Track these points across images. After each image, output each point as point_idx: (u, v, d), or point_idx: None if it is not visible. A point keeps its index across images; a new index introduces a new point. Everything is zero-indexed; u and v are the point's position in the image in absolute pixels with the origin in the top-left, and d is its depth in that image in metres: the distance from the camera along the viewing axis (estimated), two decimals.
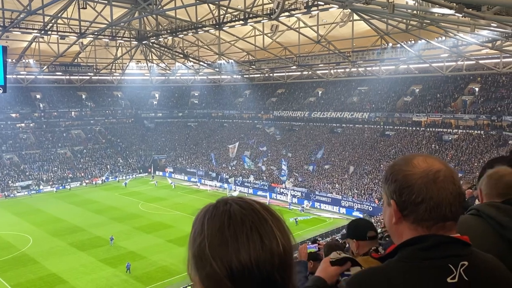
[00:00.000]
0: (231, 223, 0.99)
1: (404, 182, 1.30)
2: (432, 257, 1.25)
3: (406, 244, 1.30)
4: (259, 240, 0.97)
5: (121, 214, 43.29)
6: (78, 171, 61.57)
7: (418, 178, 1.28)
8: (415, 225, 1.30)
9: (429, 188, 1.27)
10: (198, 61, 60.08)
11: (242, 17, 39.61)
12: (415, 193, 1.27)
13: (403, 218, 1.32)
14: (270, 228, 1.00)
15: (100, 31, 45.32)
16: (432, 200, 1.26)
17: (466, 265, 1.24)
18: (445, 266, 1.23)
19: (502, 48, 36.54)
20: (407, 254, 1.28)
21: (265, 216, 1.02)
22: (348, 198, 44.98)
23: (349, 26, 42.22)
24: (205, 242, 0.99)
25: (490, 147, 45.11)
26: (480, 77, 52.15)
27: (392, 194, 1.33)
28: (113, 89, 75.47)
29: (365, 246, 3.25)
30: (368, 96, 60.98)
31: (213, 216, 1.02)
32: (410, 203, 1.29)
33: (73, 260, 31.39)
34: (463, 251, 1.28)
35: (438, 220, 1.28)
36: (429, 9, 23.23)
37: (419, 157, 1.34)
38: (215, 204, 1.06)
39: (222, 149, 63.94)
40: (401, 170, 1.33)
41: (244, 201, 1.05)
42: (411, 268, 1.25)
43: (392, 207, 1.33)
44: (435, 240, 1.27)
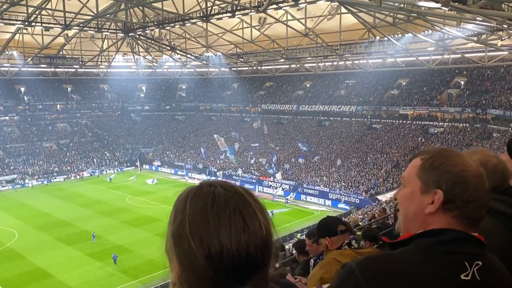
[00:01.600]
0: (215, 204, 0.99)
1: (460, 176, 1.27)
2: (450, 251, 1.24)
3: (425, 235, 1.27)
4: (241, 222, 0.98)
5: (108, 208, 43.00)
6: (64, 165, 60.90)
7: (473, 176, 1.28)
8: (454, 220, 1.28)
9: (481, 189, 1.28)
10: (186, 53, 59.64)
11: (230, 9, 39.36)
12: (469, 191, 1.26)
13: (442, 210, 1.28)
14: (253, 211, 1.01)
15: (85, 23, 44.63)
16: (481, 201, 1.28)
17: (480, 265, 1.23)
18: (461, 262, 1.22)
19: (487, 42, 37.00)
20: (425, 245, 1.25)
21: (248, 200, 1.02)
22: (335, 191, 45.33)
23: (337, 19, 42.29)
24: (186, 220, 0.99)
25: (475, 140, 45.77)
26: (465, 70, 52.78)
27: (442, 183, 1.28)
28: (99, 82, 74.58)
29: (337, 241, 3.30)
30: (356, 89, 61.30)
31: (197, 195, 1.02)
32: (461, 199, 1.27)
33: (60, 254, 31.14)
34: (478, 251, 1.27)
35: (477, 221, 1.29)
36: (416, 3, 23.37)
37: (466, 154, 1.35)
38: (199, 185, 1.05)
39: (210, 142, 63.76)
40: (457, 164, 1.29)
41: (228, 184, 1.05)
42: (427, 259, 1.23)
43: (436, 197, 1.28)
44: (455, 235, 1.26)
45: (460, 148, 44.71)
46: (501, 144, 41.99)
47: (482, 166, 1.92)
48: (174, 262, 1.02)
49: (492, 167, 1.94)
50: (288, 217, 39.93)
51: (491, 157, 1.98)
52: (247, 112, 70.63)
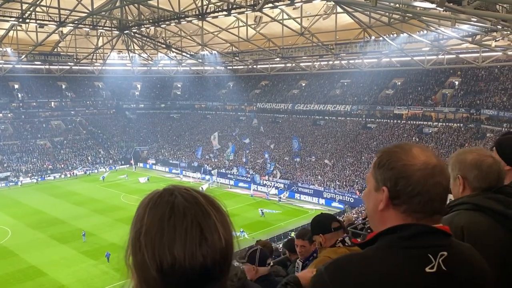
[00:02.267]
0: (172, 215, 0.96)
1: (402, 171, 1.28)
2: (412, 246, 1.25)
3: (387, 232, 1.29)
4: (198, 235, 0.95)
5: (103, 206, 42.86)
6: (58, 163, 60.60)
7: (417, 170, 1.27)
8: (404, 215, 1.29)
9: (427, 182, 1.27)
10: (181, 51, 59.48)
11: (226, 7, 39.29)
12: (412, 185, 1.27)
13: (392, 206, 1.31)
14: (213, 223, 0.97)
15: (80, 20, 44.38)
16: (428, 194, 1.27)
17: (445, 255, 1.24)
18: (424, 255, 1.24)
19: (482, 43, 37.20)
20: (387, 242, 1.27)
21: (208, 211, 0.99)
22: (330, 190, 45.45)
23: (332, 19, 42.35)
24: (142, 230, 0.98)
25: (469, 140, 46.04)
26: (460, 71, 53.04)
27: (386, 181, 1.30)
28: (94, 79, 74.23)
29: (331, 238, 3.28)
30: (351, 88, 61.43)
31: (156, 205, 1.00)
32: (405, 194, 1.28)
33: (54, 252, 31.01)
34: (443, 242, 1.28)
35: (428, 214, 1.29)
36: (411, 3, 23.45)
37: (417, 148, 1.33)
38: (161, 193, 1.03)
39: (205, 140, 63.69)
40: (400, 159, 1.30)
41: (190, 193, 1.02)
42: (390, 256, 1.25)
43: (383, 194, 1.31)
44: (416, 229, 1.27)
45: (454, 148, 44.99)
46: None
47: (477, 165, 1.94)
48: (131, 269, 1.01)
49: (487, 167, 1.94)
50: (283, 216, 39.99)
51: (486, 157, 1.98)
52: (243, 110, 70.61)
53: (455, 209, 1.94)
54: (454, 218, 1.87)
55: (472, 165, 1.96)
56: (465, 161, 1.99)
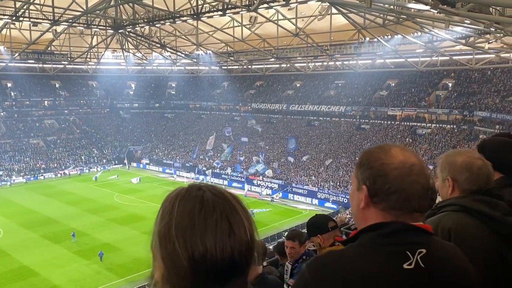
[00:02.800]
0: (203, 208, 1.01)
1: (380, 170, 1.32)
2: (390, 243, 1.27)
3: (368, 230, 1.32)
4: (227, 228, 1.00)
5: (96, 205, 42.65)
6: (51, 162, 60.25)
7: (394, 168, 1.31)
8: (383, 213, 1.32)
9: (403, 180, 1.30)
10: (176, 51, 59.38)
11: (221, 7, 39.30)
12: (389, 183, 1.30)
13: (371, 204, 1.34)
14: (239, 218, 1.03)
15: (74, 19, 44.19)
16: (405, 192, 1.29)
17: (424, 252, 1.26)
18: (403, 252, 1.26)
19: (475, 45, 37.45)
20: (367, 239, 1.31)
21: (235, 206, 1.04)
22: (324, 190, 45.55)
23: (327, 20, 42.44)
24: (172, 222, 1.01)
25: (462, 141, 46.32)
26: (453, 72, 53.36)
27: (365, 179, 1.35)
28: (88, 79, 73.89)
29: (329, 237, 3.31)
30: (345, 89, 61.61)
31: (185, 198, 1.04)
32: (382, 191, 1.31)
33: (46, 252, 30.81)
34: (422, 239, 1.30)
35: (407, 211, 1.31)
36: (406, 4, 23.57)
37: (397, 148, 1.37)
38: (188, 188, 1.07)
39: (199, 140, 63.59)
40: (379, 158, 1.34)
41: (217, 189, 1.07)
42: (369, 252, 1.27)
43: (363, 192, 1.35)
44: (395, 227, 1.29)
45: (447, 150, 45.20)
46: None
47: (467, 168, 1.94)
48: (159, 261, 1.04)
49: (477, 169, 1.95)
50: (277, 217, 40.04)
51: (476, 159, 1.98)
52: (237, 111, 70.58)
53: (443, 210, 1.95)
54: (442, 219, 1.88)
55: (462, 167, 1.97)
56: (455, 163, 2.00)
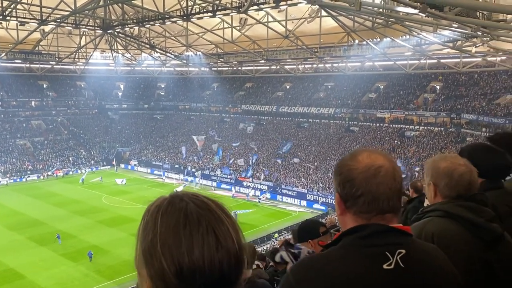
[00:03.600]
0: (187, 222, 0.97)
1: (347, 175, 1.38)
2: (370, 244, 1.31)
3: (348, 233, 1.37)
4: (214, 240, 0.97)
5: (84, 207, 42.23)
6: (38, 163, 59.51)
7: (359, 172, 1.35)
8: (355, 216, 1.38)
9: (369, 182, 1.34)
10: (165, 52, 59.12)
11: (211, 9, 39.22)
12: (355, 187, 1.35)
13: (346, 210, 1.40)
14: (226, 228, 0.99)
15: (62, 19, 43.72)
16: (371, 194, 1.34)
17: (403, 253, 1.30)
18: (382, 253, 1.29)
19: (462, 48, 37.93)
20: (348, 242, 1.35)
21: (221, 216, 1.01)
22: (313, 192, 45.67)
23: (317, 22, 42.64)
24: (157, 238, 0.97)
25: (450, 144, 46.85)
26: (441, 75, 53.97)
27: (337, 186, 1.41)
28: (76, 79, 73.18)
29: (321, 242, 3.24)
30: (334, 92, 61.93)
31: (168, 212, 1.00)
32: (351, 195, 1.36)
33: (32, 254, 30.41)
34: (401, 240, 1.34)
35: (376, 213, 1.35)
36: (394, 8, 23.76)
37: (364, 153, 1.41)
38: (170, 200, 1.03)
39: (189, 142, 63.37)
40: (346, 165, 1.40)
41: (200, 199, 1.03)
42: (350, 254, 1.31)
43: (336, 199, 1.43)
44: (374, 228, 1.34)
45: (435, 152, 45.71)
46: None
47: (448, 174, 1.96)
48: (145, 278, 1.00)
49: (458, 176, 1.96)
50: (266, 218, 40.07)
51: (459, 165, 2.00)
52: (227, 112, 70.50)
53: (428, 215, 1.98)
54: (426, 225, 1.91)
55: (444, 173, 1.99)
56: (438, 168, 2.02)
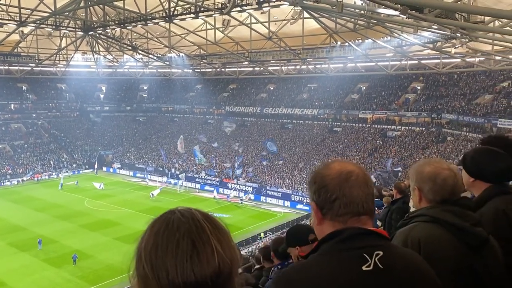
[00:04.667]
0: (166, 229, 1.01)
1: (321, 182, 1.43)
2: (348, 248, 1.34)
3: (326, 239, 1.40)
4: (190, 249, 0.97)
5: (66, 211, 41.54)
6: (18, 167, 58.35)
7: (332, 178, 1.42)
8: (332, 222, 1.42)
9: (342, 186, 1.40)
10: (147, 53, 58.64)
11: (193, 10, 39.05)
12: (329, 192, 1.41)
13: (323, 218, 1.44)
14: (206, 238, 0.99)
15: (42, 20, 43.01)
16: (345, 197, 1.39)
17: (381, 254, 1.33)
18: (360, 255, 1.32)
19: (442, 49, 38.55)
20: (326, 248, 1.39)
21: (203, 225, 1.01)
22: (297, 193, 45.85)
23: (300, 24, 42.82)
24: (142, 245, 1.03)
25: (431, 143, 47.60)
26: (422, 76, 54.83)
27: (313, 195, 1.46)
28: (56, 81, 72.01)
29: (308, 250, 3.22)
30: (318, 93, 62.34)
31: (155, 221, 1.06)
32: (326, 201, 1.41)
33: (13, 260, 29.78)
34: (378, 242, 1.37)
35: (352, 215, 1.40)
36: (376, 9, 24.03)
37: (336, 161, 1.50)
38: (164, 212, 1.09)
39: (172, 144, 62.97)
40: (320, 173, 1.46)
41: (189, 210, 1.06)
42: (329, 259, 1.34)
43: (313, 208, 1.46)
44: (350, 232, 1.37)
45: (417, 151, 46.39)
46: (455, 147, 43.87)
47: (432, 178, 1.97)
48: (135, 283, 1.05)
49: (442, 180, 1.97)
50: (251, 220, 40.05)
51: (443, 170, 2.00)
52: (211, 114, 70.29)
53: (414, 221, 1.98)
54: (411, 230, 1.91)
55: (428, 177, 2.00)
56: (422, 173, 2.03)
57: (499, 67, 42.62)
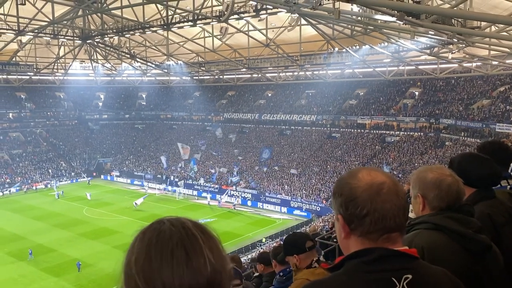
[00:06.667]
0: (159, 239, 0.98)
1: (349, 195, 1.31)
2: (376, 270, 1.26)
3: (352, 257, 1.30)
4: (184, 258, 0.95)
5: (65, 220, 41.38)
6: (16, 176, 58.20)
7: (362, 191, 1.30)
8: (361, 238, 1.31)
9: (373, 200, 1.28)
10: (146, 61, 58.80)
11: (191, 18, 39.25)
12: (359, 206, 1.29)
13: (350, 233, 1.33)
14: (199, 246, 0.98)
15: (40, 29, 43.16)
16: (377, 212, 1.28)
17: (410, 278, 1.25)
18: (388, 279, 1.24)
19: (439, 55, 38.79)
20: (351, 267, 1.29)
21: (195, 234, 1.00)
22: (297, 199, 45.78)
23: (297, 31, 43.07)
24: (132, 259, 1.00)
25: (429, 148, 47.63)
26: (419, 81, 54.99)
27: (339, 208, 1.34)
28: (55, 90, 72.08)
29: (306, 258, 3.20)
30: (316, 99, 62.47)
31: (144, 233, 1.03)
32: (355, 216, 1.30)
33: (11, 270, 29.60)
34: (408, 264, 1.29)
35: (383, 232, 1.30)
36: (373, 16, 24.18)
37: (364, 170, 1.36)
38: (151, 223, 1.05)
39: (171, 152, 62.92)
40: (347, 184, 1.33)
41: (178, 219, 1.04)
42: (354, 281, 1.26)
43: (340, 222, 1.34)
44: (379, 253, 1.28)
45: (415, 157, 46.41)
46: (453, 152, 43.92)
47: (437, 185, 1.96)
48: None
49: (447, 186, 1.96)
50: (251, 227, 39.92)
51: (446, 176, 1.99)
52: (209, 121, 70.35)
53: (416, 228, 1.97)
54: (414, 238, 1.89)
55: (432, 184, 1.98)
56: (426, 179, 2.01)
57: (496, 72, 42.84)
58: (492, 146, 2.90)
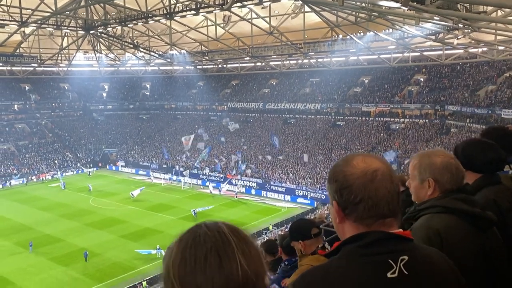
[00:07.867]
0: (194, 244, 1.01)
1: (343, 182, 1.34)
2: (372, 253, 1.29)
3: (348, 242, 1.34)
4: (217, 262, 0.98)
5: (71, 210, 41.78)
6: (23, 167, 58.65)
7: (356, 178, 1.32)
8: (356, 224, 1.34)
9: (367, 187, 1.31)
10: (149, 51, 58.63)
11: (194, 7, 38.97)
12: (353, 193, 1.32)
13: (345, 217, 1.36)
14: (232, 251, 0.99)
15: (43, 20, 43.05)
16: (371, 199, 1.31)
17: (406, 259, 1.28)
18: (385, 261, 1.27)
19: (444, 41, 38.37)
20: (348, 251, 1.32)
21: (229, 239, 1.01)
22: (301, 187, 45.87)
23: (301, 18, 42.69)
24: (170, 262, 1.02)
25: (434, 135, 47.45)
26: (424, 68, 54.56)
27: (334, 194, 1.37)
28: (59, 81, 72.19)
29: (311, 244, 3.24)
30: (320, 87, 62.18)
31: (182, 237, 1.06)
32: (350, 202, 1.33)
33: (20, 260, 30.02)
34: (403, 246, 1.32)
35: (377, 218, 1.32)
36: (377, 2, 23.94)
37: (359, 157, 1.38)
38: (190, 227, 1.08)
39: (175, 141, 63.06)
40: (342, 171, 1.36)
41: (215, 223, 1.06)
42: (351, 264, 1.29)
43: (334, 207, 1.38)
44: (375, 236, 1.31)
45: (421, 144, 46.27)
46: (459, 139, 43.73)
47: (448, 168, 1.98)
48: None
49: (455, 169, 2.00)
50: (256, 215, 40.15)
51: (452, 159, 2.04)
52: (214, 110, 70.33)
53: (425, 213, 1.98)
54: (429, 223, 1.91)
55: (443, 168, 2.00)
56: (436, 164, 2.02)
57: (502, 57, 42.36)
58: (497, 132, 2.90)
